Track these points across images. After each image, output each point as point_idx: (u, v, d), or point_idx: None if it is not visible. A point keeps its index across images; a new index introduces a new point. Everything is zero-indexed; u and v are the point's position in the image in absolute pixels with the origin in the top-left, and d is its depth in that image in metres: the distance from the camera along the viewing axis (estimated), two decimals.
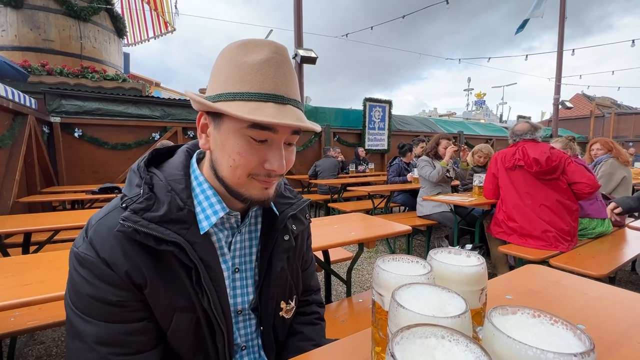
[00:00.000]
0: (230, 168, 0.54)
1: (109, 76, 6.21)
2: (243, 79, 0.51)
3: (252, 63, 0.51)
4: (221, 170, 0.56)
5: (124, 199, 0.53)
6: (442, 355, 0.31)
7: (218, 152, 0.55)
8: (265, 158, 0.54)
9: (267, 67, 0.51)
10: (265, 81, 0.51)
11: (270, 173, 0.55)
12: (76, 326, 0.50)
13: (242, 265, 0.65)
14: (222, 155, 0.54)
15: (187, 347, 0.56)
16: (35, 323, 1.24)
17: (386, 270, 0.50)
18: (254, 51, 0.52)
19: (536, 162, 2.17)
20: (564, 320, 0.35)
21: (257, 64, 0.51)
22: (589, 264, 1.79)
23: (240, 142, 0.52)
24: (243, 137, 0.52)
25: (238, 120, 0.51)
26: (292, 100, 0.54)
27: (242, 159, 0.53)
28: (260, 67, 0.51)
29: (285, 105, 0.52)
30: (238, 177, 0.55)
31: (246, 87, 0.51)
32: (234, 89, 0.51)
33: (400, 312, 0.38)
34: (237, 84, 0.51)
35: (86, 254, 0.50)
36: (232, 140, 0.53)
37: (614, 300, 0.79)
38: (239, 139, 0.52)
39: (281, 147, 0.55)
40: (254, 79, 0.51)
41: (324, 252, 1.62)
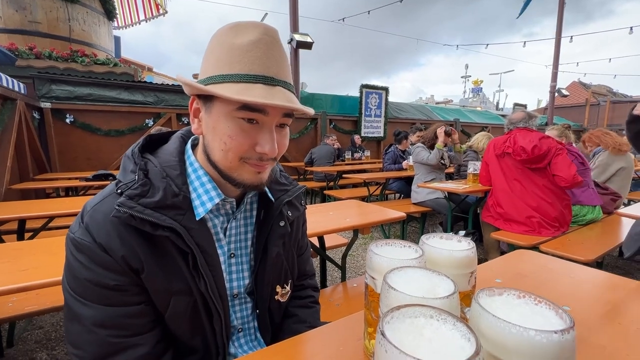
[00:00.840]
0: (222, 152, 0.54)
1: (100, 60, 6.06)
2: (232, 60, 0.50)
3: (241, 45, 0.51)
4: (213, 154, 0.56)
5: (119, 185, 0.53)
6: (430, 333, 0.33)
7: (210, 136, 0.55)
8: (256, 141, 0.54)
9: (256, 49, 0.51)
10: (254, 62, 0.50)
11: (262, 157, 0.55)
12: (74, 309, 0.50)
13: (238, 250, 0.66)
14: (214, 139, 0.54)
15: (185, 329, 0.58)
16: (33, 308, 1.26)
17: (379, 255, 0.51)
18: (244, 33, 0.51)
19: (523, 150, 2.21)
20: (547, 301, 0.37)
21: (246, 45, 0.51)
22: (577, 250, 1.84)
23: (230, 124, 0.52)
24: (233, 120, 0.52)
25: (228, 102, 0.51)
26: (282, 81, 0.53)
27: (233, 142, 0.53)
28: (249, 48, 0.51)
29: (275, 86, 0.52)
30: (230, 160, 0.54)
31: (235, 68, 0.50)
32: (223, 71, 0.51)
33: (391, 294, 0.40)
34: (227, 66, 0.51)
35: (82, 239, 0.50)
36: (222, 123, 0.52)
37: (599, 283, 0.82)
38: (230, 122, 0.52)
39: (272, 130, 0.54)
40: (242, 60, 0.50)
41: (320, 238, 1.65)
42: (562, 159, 2.17)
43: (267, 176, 0.59)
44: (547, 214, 2.19)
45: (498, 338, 0.33)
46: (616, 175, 2.98)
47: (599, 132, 3.17)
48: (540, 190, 2.23)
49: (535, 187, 2.24)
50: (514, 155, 2.27)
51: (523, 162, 2.25)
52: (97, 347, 0.50)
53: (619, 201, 2.87)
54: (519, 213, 2.25)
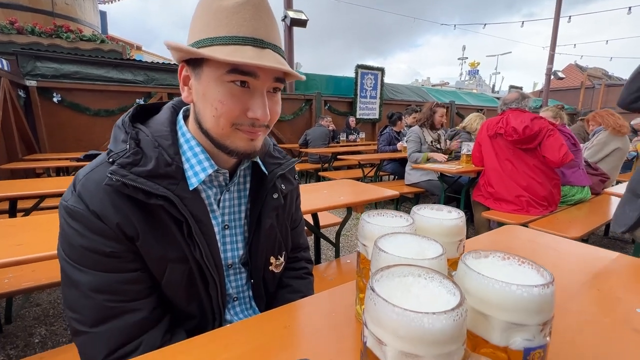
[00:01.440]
0: (214, 118, 0.53)
1: (86, 36, 5.83)
2: (220, 23, 0.50)
3: (228, 6, 0.50)
4: (205, 121, 0.55)
5: (111, 154, 0.53)
6: (417, 290, 0.34)
7: (200, 103, 0.54)
8: (247, 106, 0.53)
9: (244, 10, 0.50)
10: (242, 24, 0.49)
11: (254, 122, 0.54)
12: (71, 275, 0.51)
13: (232, 222, 0.67)
14: (205, 105, 0.54)
15: (181, 296, 0.59)
16: (29, 284, 1.27)
17: (371, 223, 0.52)
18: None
19: (514, 130, 2.23)
20: (530, 261, 0.38)
21: (234, 7, 0.50)
22: (564, 228, 1.90)
23: (221, 89, 0.51)
24: (223, 84, 0.51)
25: (217, 66, 0.50)
26: (272, 44, 0.52)
27: (223, 107, 0.52)
28: (236, 10, 0.49)
29: (265, 49, 0.51)
30: (222, 127, 0.54)
31: (223, 31, 0.49)
32: (211, 34, 0.50)
33: (381, 256, 0.41)
34: (214, 29, 0.50)
35: (76, 206, 0.50)
36: (213, 88, 0.52)
37: (582, 255, 0.85)
38: (220, 87, 0.51)
39: (264, 94, 0.54)
40: (230, 22, 0.49)
41: (314, 217, 1.66)
42: (554, 140, 2.19)
43: (260, 144, 0.59)
44: (536, 194, 2.24)
45: (482, 294, 0.35)
46: (611, 155, 3.05)
47: (604, 112, 3.22)
48: (531, 170, 2.26)
49: (526, 167, 2.27)
50: (506, 135, 2.29)
51: (514, 142, 2.28)
52: (94, 311, 0.51)
53: (608, 182, 2.93)
54: (509, 192, 2.30)
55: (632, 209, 1.47)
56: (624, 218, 1.51)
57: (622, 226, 1.53)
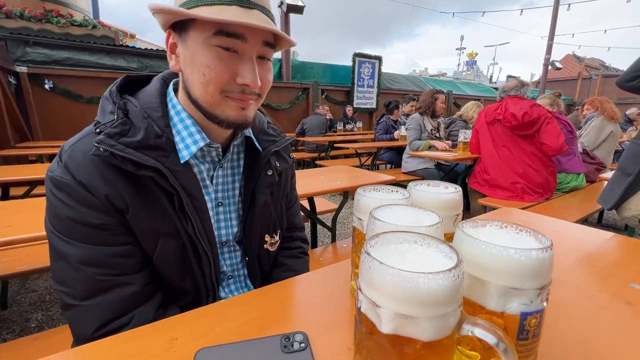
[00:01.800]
0: (202, 85, 0.51)
1: (77, 21, 5.68)
2: None
3: None
4: (193, 89, 0.53)
5: (98, 125, 0.51)
6: (413, 255, 0.34)
7: (188, 69, 0.52)
8: (236, 71, 0.51)
9: None
10: None
11: (244, 89, 0.52)
12: (59, 248, 0.50)
13: (226, 199, 0.66)
14: (192, 71, 0.52)
15: (174, 272, 0.58)
16: (23, 268, 1.26)
17: (366, 196, 0.51)
18: None
19: (513, 116, 2.23)
20: (528, 229, 0.38)
21: None
22: (559, 214, 1.91)
23: (208, 53, 0.50)
24: (210, 49, 0.49)
25: (203, 29, 0.48)
26: (260, 5, 0.51)
27: (211, 72, 0.50)
28: None
29: (252, 9, 0.49)
30: (211, 95, 0.52)
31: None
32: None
33: (376, 225, 0.40)
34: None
35: (62, 177, 0.49)
36: (199, 52, 0.50)
37: (578, 235, 0.85)
38: (207, 51, 0.50)
39: (253, 59, 0.52)
40: None
41: (310, 202, 1.66)
42: (552, 127, 2.20)
43: (252, 114, 0.57)
44: (532, 180, 2.24)
45: (479, 259, 0.34)
46: (606, 141, 3.10)
47: (602, 99, 3.29)
48: (528, 157, 2.27)
49: (523, 154, 2.28)
50: (504, 121, 2.28)
51: (512, 128, 2.27)
52: (84, 284, 0.50)
53: (603, 171, 2.95)
54: (505, 179, 2.30)
55: (619, 187, 1.49)
56: (612, 195, 1.53)
57: (609, 203, 1.55)
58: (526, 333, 0.33)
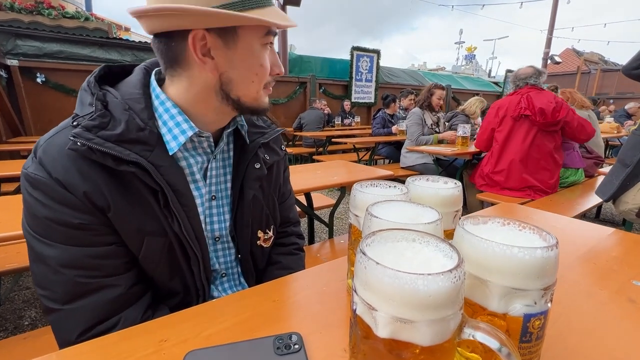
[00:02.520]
0: (253, 83, 0.54)
1: (69, 13, 5.55)
2: None
3: None
4: (238, 90, 0.54)
5: (76, 118, 0.49)
6: (411, 254, 0.32)
7: (235, 71, 0.53)
8: (272, 63, 0.55)
9: None
10: None
11: (275, 78, 0.58)
12: (38, 250, 0.48)
13: (219, 192, 0.64)
14: (244, 73, 0.53)
15: (162, 271, 0.56)
16: (14, 265, 1.23)
17: (363, 192, 0.49)
18: None
19: (542, 112, 2.10)
20: (532, 225, 0.36)
21: None
22: (557, 209, 1.90)
23: (261, 53, 0.53)
24: (263, 48, 0.53)
25: (256, 31, 0.51)
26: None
27: (263, 69, 0.53)
28: None
29: (272, 5, 0.52)
30: (256, 90, 0.55)
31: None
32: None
33: (373, 222, 0.38)
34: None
35: (37, 174, 0.46)
36: (254, 53, 0.52)
37: (578, 230, 0.84)
38: (260, 51, 0.53)
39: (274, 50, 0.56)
40: None
41: (307, 197, 1.64)
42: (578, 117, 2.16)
43: None
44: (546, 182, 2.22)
45: (481, 258, 0.32)
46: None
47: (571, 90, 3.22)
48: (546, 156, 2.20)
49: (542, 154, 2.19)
50: (533, 117, 2.13)
51: (541, 125, 2.15)
52: (66, 288, 0.48)
53: (602, 165, 2.94)
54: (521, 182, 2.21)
55: (617, 178, 1.49)
56: (610, 187, 1.53)
57: (606, 194, 1.54)
58: (529, 335, 0.32)
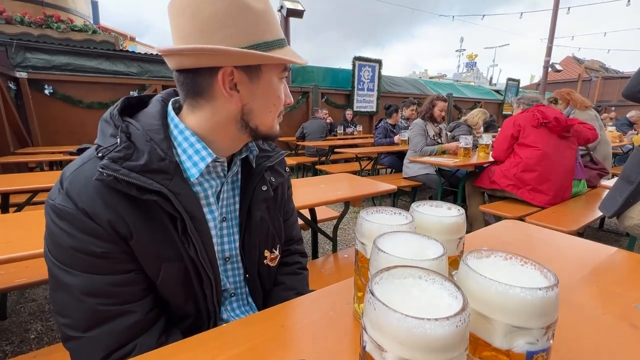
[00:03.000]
0: (270, 114, 0.60)
1: (77, 27, 5.69)
2: (264, 28, 0.54)
3: (262, 10, 0.53)
4: (258, 119, 0.59)
5: (100, 149, 0.51)
6: (418, 292, 0.33)
7: (256, 103, 0.58)
8: (285, 94, 0.61)
9: (273, 14, 0.57)
10: (276, 29, 0.56)
11: (286, 108, 0.63)
12: (60, 278, 0.49)
13: (229, 214, 0.66)
14: (263, 104, 0.58)
15: (177, 295, 0.58)
16: (22, 281, 1.25)
17: (369, 221, 0.51)
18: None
19: (557, 120, 2.33)
20: (533, 261, 0.37)
21: (264, 10, 0.54)
22: (560, 221, 1.90)
23: (279, 86, 0.59)
24: (280, 81, 0.59)
25: (276, 67, 0.57)
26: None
27: (279, 100, 0.60)
28: (270, 13, 0.56)
29: (287, 46, 0.58)
30: (272, 119, 0.61)
31: (271, 35, 0.55)
32: (265, 38, 0.54)
33: (380, 256, 0.40)
34: (263, 33, 0.54)
35: (64, 205, 0.48)
36: (274, 85, 0.58)
37: (581, 250, 0.85)
38: (279, 84, 0.59)
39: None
40: (269, 26, 0.55)
41: (311, 211, 1.65)
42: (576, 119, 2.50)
43: None
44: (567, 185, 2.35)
45: (484, 296, 0.34)
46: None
47: (568, 90, 3.21)
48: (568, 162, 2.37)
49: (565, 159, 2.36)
50: (551, 123, 2.34)
51: (559, 131, 2.35)
52: (87, 315, 0.49)
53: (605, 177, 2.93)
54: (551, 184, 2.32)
55: (621, 195, 1.48)
56: (613, 203, 1.52)
57: (610, 210, 1.54)
58: None
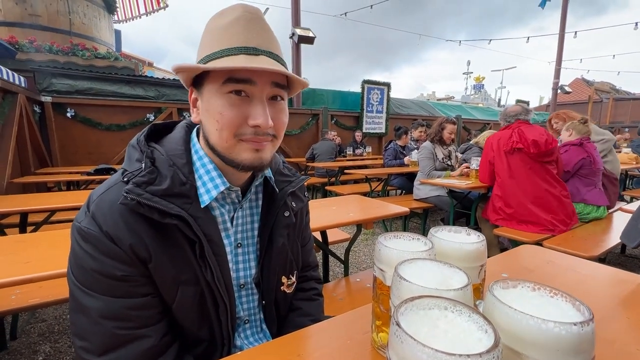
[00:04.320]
0: (217, 132, 0.53)
1: (101, 54, 6.03)
2: (215, 40, 0.52)
3: (222, 25, 0.53)
4: (210, 137, 0.56)
5: (125, 174, 0.52)
6: (445, 325, 0.32)
7: (205, 118, 0.56)
8: (247, 114, 0.53)
9: (236, 25, 0.52)
10: (234, 37, 0.52)
11: (257, 131, 0.53)
12: (80, 301, 0.50)
13: (244, 240, 0.66)
14: (208, 120, 0.54)
15: (192, 320, 0.57)
16: (36, 301, 1.26)
17: (388, 247, 0.50)
18: (225, 15, 0.54)
19: (535, 143, 2.16)
20: (563, 293, 0.36)
21: (227, 24, 0.52)
22: (580, 246, 1.83)
23: (220, 101, 0.52)
24: (222, 96, 0.52)
25: (215, 80, 0.52)
26: (267, 51, 0.53)
27: (224, 118, 0.52)
28: (229, 26, 0.52)
29: (259, 55, 0.52)
30: (225, 139, 0.53)
31: (217, 46, 0.52)
32: (208, 52, 0.53)
33: (403, 285, 0.39)
34: (210, 47, 0.53)
35: (89, 228, 0.50)
36: (213, 101, 0.53)
37: (605, 278, 0.81)
38: (219, 99, 0.52)
39: (263, 101, 0.54)
40: (223, 37, 0.52)
41: (322, 233, 1.64)
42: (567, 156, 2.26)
43: (268, 156, 0.57)
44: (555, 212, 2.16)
45: (515, 330, 0.32)
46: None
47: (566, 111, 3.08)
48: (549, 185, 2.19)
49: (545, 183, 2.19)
50: (526, 149, 2.18)
51: (535, 156, 2.18)
52: (103, 339, 0.49)
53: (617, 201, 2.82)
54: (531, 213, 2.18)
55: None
56: (635, 233, 1.46)
57: (633, 241, 1.48)
58: None
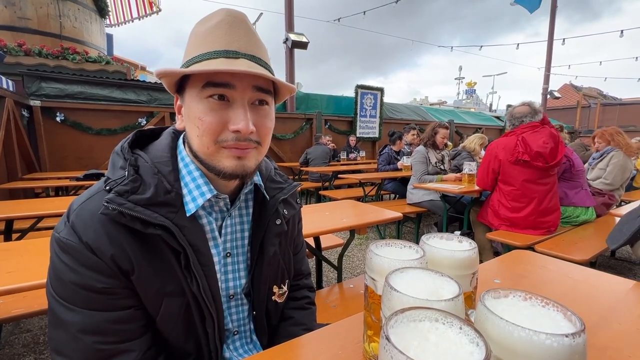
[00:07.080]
0: (198, 138, 0.52)
1: (92, 58, 5.96)
2: (196, 45, 0.52)
3: (205, 29, 0.52)
4: (192, 143, 0.54)
5: (108, 182, 0.51)
6: (436, 337, 0.31)
7: (187, 125, 0.55)
8: (227, 119, 0.51)
9: (217, 30, 0.51)
10: (215, 41, 0.51)
11: (237, 137, 0.51)
12: (59, 315, 0.48)
13: (234, 249, 0.64)
14: (189, 126, 0.54)
15: (178, 333, 0.55)
16: (20, 311, 1.22)
17: (379, 255, 0.49)
18: (209, 19, 0.53)
19: (539, 156, 2.09)
20: (555, 302, 0.36)
21: (209, 27, 0.52)
22: (572, 250, 1.85)
23: (199, 106, 0.51)
24: (201, 101, 0.51)
25: (194, 85, 0.51)
26: (248, 54, 0.52)
27: (204, 123, 0.50)
28: (210, 30, 0.51)
29: (238, 59, 0.51)
30: (206, 146, 0.52)
31: (197, 51, 0.51)
32: (190, 56, 0.52)
33: (394, 296, 0.38)
34: (191, 52, 0.52)
35: (68, 239, 0.48)
36: (193, 106, 0.52)
37: (597, 283, 0.81)
38: (198, 103, 0.51)
39: (245, 105, 0.52)
40: (205, 42, 0.51)
41: (315, 239, 1.63)
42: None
43: (252, 164, 0.55)
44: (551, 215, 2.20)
45: (506, 341, 0.32)
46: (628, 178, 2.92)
47: (612, 130, 3.08)
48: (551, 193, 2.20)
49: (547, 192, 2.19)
50: (532, 161, 2.12)
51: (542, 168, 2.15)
52: (83, 355, 0.47)
53: (613, 204, 2.88)
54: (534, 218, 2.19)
55: (628, 229, 1.45)
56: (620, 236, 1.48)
57: (615, 243, 1.50)
58: None
